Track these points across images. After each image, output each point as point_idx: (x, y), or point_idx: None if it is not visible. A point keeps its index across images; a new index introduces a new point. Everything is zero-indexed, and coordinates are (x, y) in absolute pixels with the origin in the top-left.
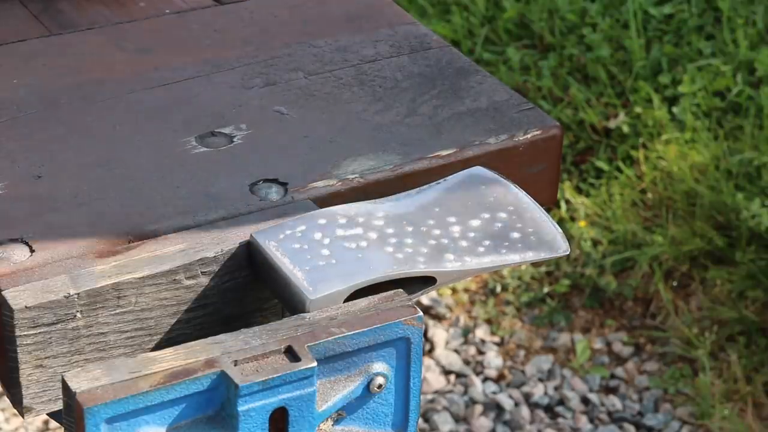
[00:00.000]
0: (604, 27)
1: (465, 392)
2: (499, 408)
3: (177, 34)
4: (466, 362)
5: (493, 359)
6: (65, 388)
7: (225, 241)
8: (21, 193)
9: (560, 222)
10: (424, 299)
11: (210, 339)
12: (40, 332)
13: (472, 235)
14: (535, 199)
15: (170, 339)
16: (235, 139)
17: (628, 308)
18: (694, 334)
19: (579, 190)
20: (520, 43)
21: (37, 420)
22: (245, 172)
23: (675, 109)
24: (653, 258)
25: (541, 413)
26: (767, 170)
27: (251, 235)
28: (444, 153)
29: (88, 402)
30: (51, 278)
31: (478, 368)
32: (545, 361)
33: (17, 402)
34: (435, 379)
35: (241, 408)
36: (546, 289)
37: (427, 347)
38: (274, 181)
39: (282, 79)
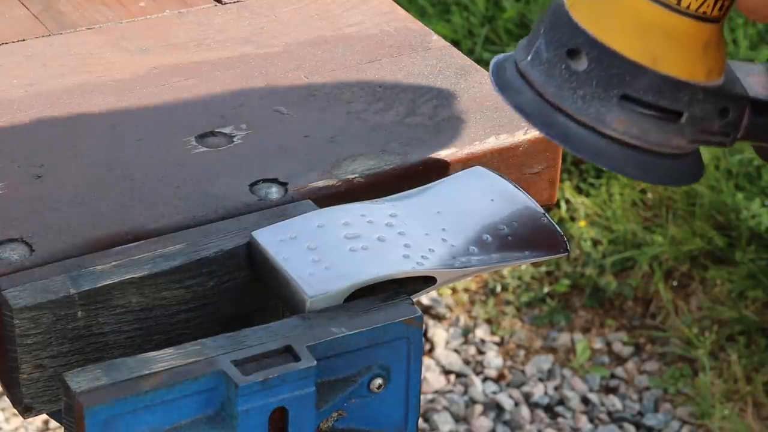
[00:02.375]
0: None
1: (465, 392)
2: (499, 408)
3: (177, 34)
4: (466, 362)
5: (493, 359)
6: (65, 388)
7: (225, 241)
8: (21, 193)
9: (560, 222)
10: (424, 299)
11: (210, 339)
12: (40, 332)
13: (471, 234)
14: (535, 199)
15: (170, 339)
16: (235, 139)
17: (628, 308)
18: (694, 334)
19: (579, 190)
20: None
21: (37, 420)
22: (245, 172)
23: None
24: (653, 258)
25: (541, 413)
26: (767, 170)
27: (251, 235)
28: (444, 153)
29: (88, 402)
30: (51, 278)
31: (478, 368)
32: (545, 361)
33: (17, 402)
34: (435, 379)
35: (241, 408)
36: (546, 289)
37: (427, 347)
38: (274, 181)
39: (282, 79)
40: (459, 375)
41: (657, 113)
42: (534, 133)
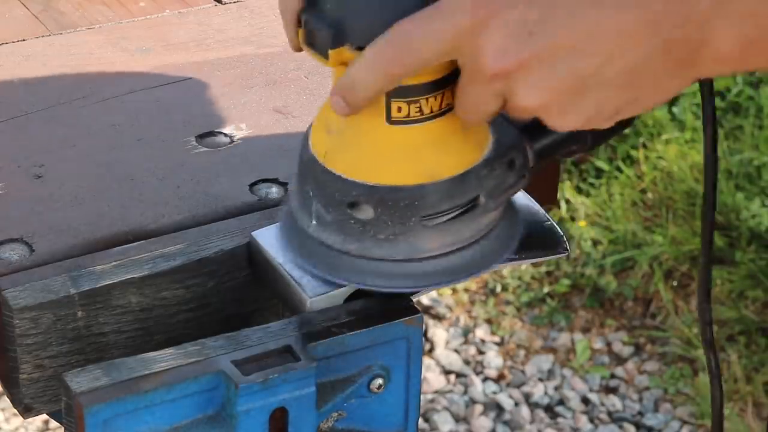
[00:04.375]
0: None
1: (465, 392)
2: (499, 408)
3: (177, 34)
4: (466, 362)
5: (493, 359)
6: (65, 388)
7: (225, 241)
8: (21, 193)
9: (560, 222)
10: (424, 299)
11: (210, 339)
12: (40, 332)
13: None
14: (535, 199)
15: (170, 339)
16: (235, 139)
17: (628, 308)
18: (694, 334)
19: (579, 190)
20: None
21: (37, 420)
22: (245, 172)
23: (675, 109)
24: (653, 258)
25: (541, 413)
26: (767, 170)
27: (251, 235)
28: None
29: (88, 402)
30: (51, 278)
31: (478, 368)
32: (545, 361)
33: (17, 402)
34: (435, 379)
35: (241, 408)
36: (546, 289)
37: (427, 347)
38: (274, 181)
39: (282, 78)
40: (459, 375)
41: (458, 211)
42: None
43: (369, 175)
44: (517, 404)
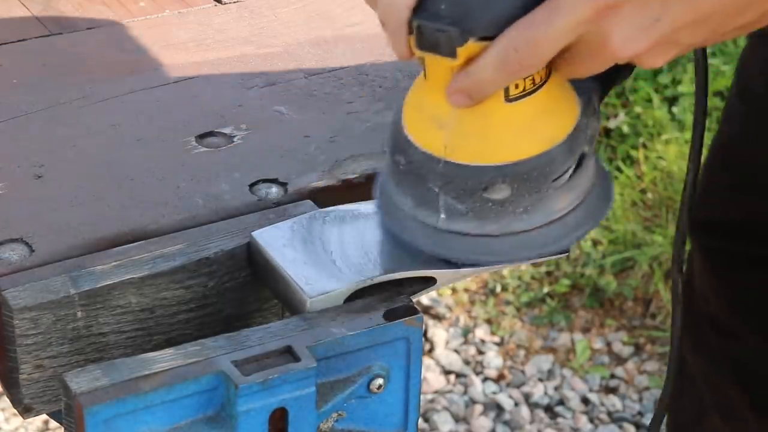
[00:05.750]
0: None
1: (465, 392)
2: (499, 408)
3: (177, 34)
4: (466, 362)
5: (493, 359)
6: (65, 388)
7: (225, 241)
8: (21, 193)
9: None
10: (424, 299)
11: (210, 339)
12: (40, 332)
13: None
14: None
15: (170, 339)
16: (235, 139)
17: (628, 308)
18: None
19: None
20: None
21: (37, 420)
22: (245, 172)
23: (675, 109)
24: (653, 258)
25: (541, 413)
26: None
27: (251, 235)
28: None
29: (88, 402)
30: (51, 278)
31: (478, 368)
32: (545, 361)
33: (17, 402)
34: (435, 379)
35: (241, 408)
36: (546, 289)
37: (427, 347)
38: (274, 181)
39: (282, 79)
40: (459, 375)
41: (575, 165)
42: None
43: (497, 156)
44: (517, 404)
